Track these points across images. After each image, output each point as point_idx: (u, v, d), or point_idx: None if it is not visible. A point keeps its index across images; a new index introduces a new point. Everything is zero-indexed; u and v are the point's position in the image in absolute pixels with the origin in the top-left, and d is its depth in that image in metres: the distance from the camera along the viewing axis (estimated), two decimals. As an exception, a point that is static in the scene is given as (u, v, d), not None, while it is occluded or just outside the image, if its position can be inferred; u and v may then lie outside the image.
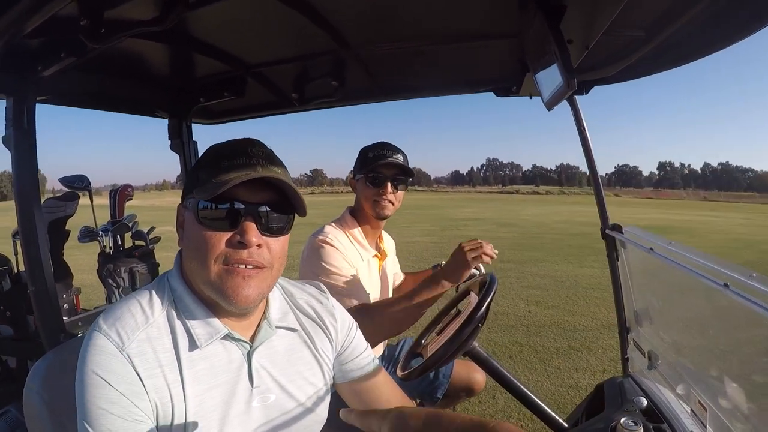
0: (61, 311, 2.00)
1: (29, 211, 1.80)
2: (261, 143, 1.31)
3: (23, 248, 1.83)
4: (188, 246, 1.28)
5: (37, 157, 1.83)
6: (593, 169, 2.55)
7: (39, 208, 1.83)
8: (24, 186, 1.80)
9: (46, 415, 1.30)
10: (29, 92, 1.80)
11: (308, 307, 1.54)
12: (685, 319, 2.06)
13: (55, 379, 1.33)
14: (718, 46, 1.67)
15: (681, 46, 1.86)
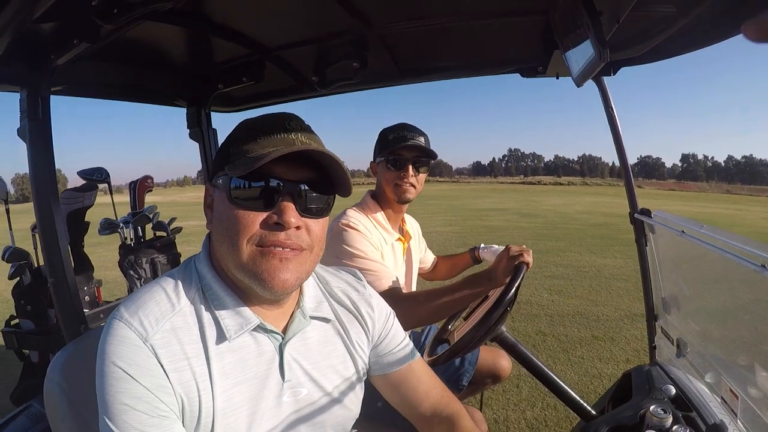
0: (82, 303, 1.99)
1: (46, 202, 1.77)
2: (299, 117, 1.22)
3: (41, 240, 1.80)
4: (218, 228, 1.18)
5: (53, 149, 1.79)
6: (622, 153, 2.48)
7: (56, 200, 1.80)
8: (40, 178, 1.76)
9: (66, 406, 1.27)
10: (43, 82, 1.76)
11: (344, 296, 1.46)
12: (716, 305, 2.02)
13: (76, 371, 1.29)
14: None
15: (710, 25, 1.81)
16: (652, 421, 1.71)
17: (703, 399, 1.88)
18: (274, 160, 1.08)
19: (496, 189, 74.33)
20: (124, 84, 2.51)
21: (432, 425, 1.49)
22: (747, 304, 1.73)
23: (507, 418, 4.08)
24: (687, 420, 1.75)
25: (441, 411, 1.49)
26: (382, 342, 1.50)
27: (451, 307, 2.18)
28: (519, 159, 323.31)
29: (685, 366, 2.14)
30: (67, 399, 1.27)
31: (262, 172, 1.11)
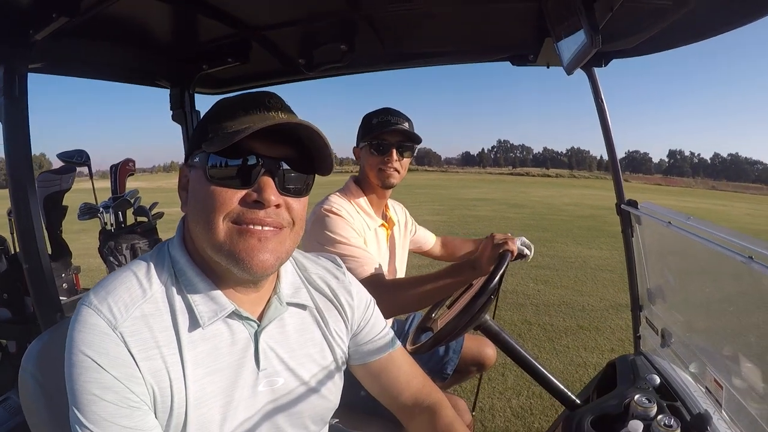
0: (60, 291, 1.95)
1: (21, 185, 1.71)
2: (279, 96, 1.17)
3: (16, 224, 1.74)
4: (194, 208, 1.12)
5: (29, 129, 1.73)
6: (610, 144, 2.47)
7: (32, 183, 1.75)
8: (15, 159, 1.70)
9: (41, 397, 1.22)
10: (20, 58, 1.69)
11: (322, 283, 1.41)
12: (701, 296, 2.02)
13: (51, 360, 1.24)
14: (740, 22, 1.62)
15: (703, 20, 1.80)
16: (636, 411, 1.70)
17: (688, 389, 1.89)
18: (253, 136, 1.04)
19: (484, 179, 74.45)
20: (105, 62, 2.45)
21: (413, 415, 1.46)
22: (731, 296, 1.73)
23: (493, 407, 4.10)
24: (671, 409, 1.75)
25: (422, 401, 1.47)
26: (362, 331, 1.47)
27: (434, 295, 2.16)
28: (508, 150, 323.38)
29: (670, 356, 2.15)
30: (41, 389, 1.23)
31: (240, 148, 1.07)
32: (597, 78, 2.38)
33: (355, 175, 2.58)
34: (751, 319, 1.59)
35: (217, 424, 1.11)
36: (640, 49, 2.19)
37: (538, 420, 3.88)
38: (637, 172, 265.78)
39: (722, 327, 1.83)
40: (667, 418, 1.58)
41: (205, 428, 1.10)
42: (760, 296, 1.48)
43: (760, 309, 1.52)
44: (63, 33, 1.64)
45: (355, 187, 2.50)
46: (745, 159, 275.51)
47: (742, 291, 1.59)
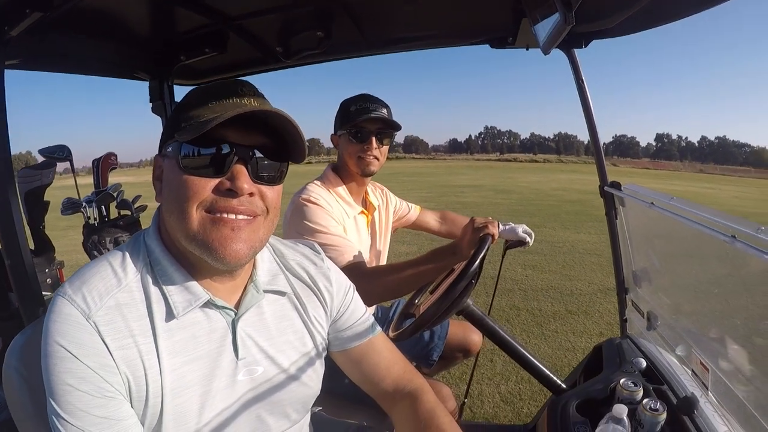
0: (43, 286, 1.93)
1: (1, 180, 1.70)
2: (252, 84, 1.17)
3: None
4: (168, 197, 1.12)
5: (7, 125, 1.71)
6: (592, 125, 2.45)
7: (11, 178, 1.74)
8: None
9: (26, 391, 1.20)
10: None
11: (300, 270, 1.40)
12: (686, 278, 2.01)
13: (34, 355, 1.22)
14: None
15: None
16: (622, 395, 1.70)
17: (674, 372, 1.89)
18: (226, 125, 1.03)
19: (472, 166, 74.49)
20: (82, 56, 2.41)
21: (395, 401, 1.45)
22: (716, 277, 1.72)
23: (481, 393, 4.10)
24: (658, 393, 1.76)
25: (403, 387, 1.46)
26: (342, 317, 1.46)
27: (415, 281, 2.15)
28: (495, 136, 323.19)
29: (656, 339, 2.14)
30: (25, 383, 1.22)
31: (213, 137, 1.06)
32: (578, 59, 2.36)
33: (334, 163, 2.56)
34: (737, 300, 1.58)
35: (194, 413, 1.11)
36: (620, 29, 2.18)
37: (527, 405, 3.89)
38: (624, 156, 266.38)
39: (708, 309, 1.83)
40: (653, 401, 1.58)
41: (183, 418, 1.09)
42: (744, 276, 1.47)
43: (744, 290, 1.51)
44: (38, 28, 1.62)
45: (333, 175, 2.47)
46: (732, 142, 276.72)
47: (726, 272, 1.58)
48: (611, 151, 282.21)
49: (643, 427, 1.55)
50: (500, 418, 3.76)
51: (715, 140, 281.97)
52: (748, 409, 1.42)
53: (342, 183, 2.46)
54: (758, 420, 1.37)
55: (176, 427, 1.08)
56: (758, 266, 1.31)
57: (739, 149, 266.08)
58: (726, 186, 43.66)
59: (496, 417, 3.77)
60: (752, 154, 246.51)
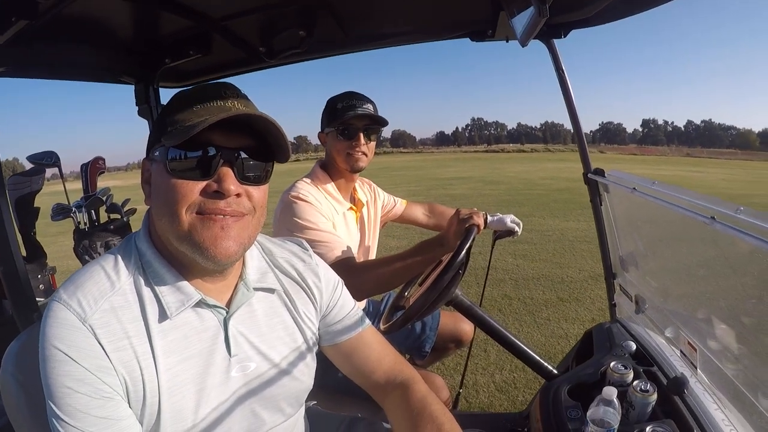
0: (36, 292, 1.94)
1: None
2: (235, 86, 1.19)
3: None
4: (157, 201, 1.14)
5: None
6: (574, 115, 2.46)
7: (1, 185, 1.76)
8: None
9: (22, 396, 1.22)
10: None
11: (289, 267, 1.42)
12: (671, 260, 2.04)
13: (29, 360, 1.23)
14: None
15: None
16: (613, 377, 1.73)
17: (663, 353, 1.91)
18: (211, 128, 1.05)
19: (459, 158, 74.42)
20: (68, 63, 2.40)
21: (386, 392, 1.47)
22: (701, 259, 1.74)
23: (476, 383, 4.13)
24: (648, 374, 1.78)
25: (395, 378, 1.48)
26: (331, 311, 1.48)
27: (404, 274, 2.17)
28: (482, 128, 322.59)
29: (645, 322, 2.17)
30: (22, 389, 1.23)
31: (199, 140, 1.07)
32: (557, 50, 2.37)
33: (322, 160, 2.57)
34: (721, 280, 1.61)
35: (191, 411, 1.13)
36: (599, 18, 2.18)
37: (522, 393, 3.92)
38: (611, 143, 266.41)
39: (694, 290, 1.85)
40: (644, 383, 1.61)
41: (180, 415, 1.11)
42: (726, 257, 1.49)
43: (728, 270, 1.53)
44: (24, 36, 1.61)
45: (321, 172, 2.49)
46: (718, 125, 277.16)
47: (709, 253, 1.61)
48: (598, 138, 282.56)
49: (634, 409, 1.58)
50: (495, 406, 3.79)
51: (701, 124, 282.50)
52: (737, 386, 1.44)
53: (330, 180, 2.47)
54: (747, 396, 1.40)
55: (174, 424, 1.11)
56: (738, 246, 1.34)
57: (725, 132, 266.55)
58: (713, 169, 43.89)
59: (492, 406, 3.80)
60: (738, 137, 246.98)
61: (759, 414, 1.36)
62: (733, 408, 1.49)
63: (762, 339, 1.39)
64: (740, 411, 1.47)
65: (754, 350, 1.42)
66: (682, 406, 1.59)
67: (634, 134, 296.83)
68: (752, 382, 1.39)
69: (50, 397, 0.99)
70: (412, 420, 1.31)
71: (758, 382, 1.36)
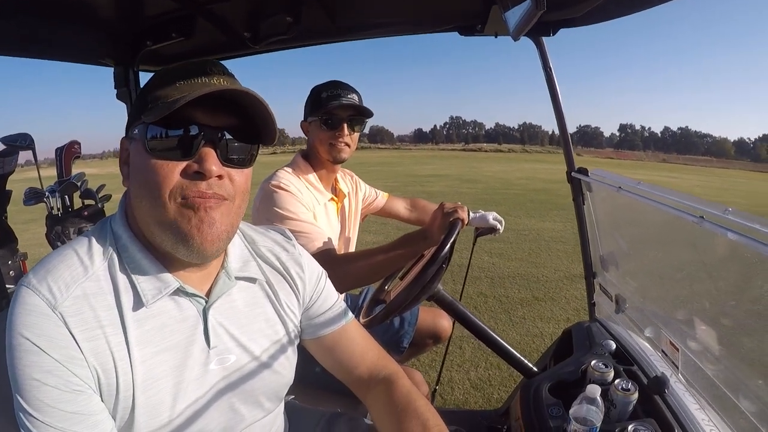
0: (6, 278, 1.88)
1: None
2: (221, 64, 1.12)
3: None
4: (136, 182, 1.07)
5: None
6: (560, 113, 2.45)
7: None
8: None
9: None
10: None
11: (272, 256, 1.37)
12: (653, 261, 2.04)
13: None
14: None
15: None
16: (594, 376, 1.72)
17: (644, 353, 1.92)
18: (194, 105, 1.00)
19: (437, 156, 74.56)
20: (46, 41, 2.33)
21: (369, 387, 1.44)
22: (683, 260, 1.75)
23: (451, 379, 4.12)
24: (628, 373, 1.78)
25: (378, 373, 1.45)
26: (314, 304, 1.44)
27: (386, 267, 2.15)
28: (460, 127, 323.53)
29: (625, 322, 2.17)
30: None
31: (180, 118, 1.02)
32: (546, 47, 2.36)
33: (303, 150, 2.53)
34: (704, 281, 1.61)
35: (167, 405, 1.08)
36: (588, 18, 2.17)
37: (497, 391, 3.92)
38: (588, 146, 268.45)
39: (676, 291, 1.86)
40: (625, 381, 1.61)
41: (155, 410, 1.06)
42: (711, 258, 1.49)
43: (711, 271, 1.54)
44: (2, 12, 1.55)
45: (303, 162, 2.45)
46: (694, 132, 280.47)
47: (693, 254, 1.61)
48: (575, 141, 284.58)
49: (615, 407, 1.57)
50: (471, 404, 3.79)
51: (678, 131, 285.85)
52: (718, 387, 1.45)
53: (312, 170, 2.44)
54: (728, 396, 1.40)
55: (149, 420, 1.05)
56: (725, 246, 1.34)
57: (701, 140, 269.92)
58: (688, 175, 44.55)
59: (467, 403, 3.80)
60: (714, 145, 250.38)
61: (740, 413, 1.36)
62: (715, 408, 1.50)
63: (743, 340, 1.40)
64: (721, 411, 1.47)
65: (736, 351, 1.42)
66: (663, 406, 1.59)
67: (611, 138, 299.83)
68: (733, 382, 1.39)
69: (17, 390, 0.93)
70: (396, 416, 1.28)
71: (739, 383, 1.37)
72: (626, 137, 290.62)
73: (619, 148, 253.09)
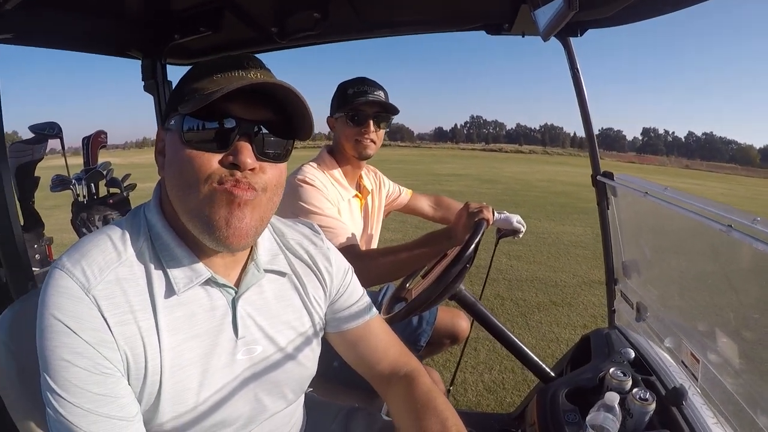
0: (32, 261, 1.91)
1: None
2: (258, 58, 1.13)
3: None
4: (170, 172, 1.09)
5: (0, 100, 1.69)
6: (586, 115, 2.43)
7: (3, 152, 1.73)
8: None
9: (14, 366, 1.18)
10: None
11: (300, 249, 1.38)
12: (677, 269, 2.02)
13: (23, 329, 1.19)
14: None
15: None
16: (611, 384, 1.71)
17: (663, 363, 1.90)
18: (231, 98, 1.00)
19: (457, 155, 74.46)
20: (76, 33, 2.37)
21: (390, 384, 1.44)
22: (709, 269, 1.72)
23: (465, 381, 4.11)
24: (646, 383, 1.77)
25: (399, 369, 1.45)
26: (340, 298, 1.44)
27: (409, 265, 2.16)
28: (481, 126, 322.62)
29: (645, 330, 2.15)
30: (14, 358, 1.19)
31: (216, 111, 1.03)
32: (573, 48, 2.34)
33: (329, 145, 2.54)
34: (729, 292, 1.58)
35: (193, 392, 1.09)
36: (617, 19, 2.15)
37: (510, 394, 3.90)
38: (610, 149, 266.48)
39: (699, 301, 1.83)
40: (643, 391, 1.59)
41: (181, 396, 1.07)
42: (737, 268, 1.47)
43: (737, 281, 1.51)
44: (32, 2, 1.57)
45: (329, 157, 2.46)
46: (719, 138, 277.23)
47: (719, 263, 1.58)
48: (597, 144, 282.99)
49: (632, 417, 1.56)
50: (483, 406, 3.78)
51: (702, 136, 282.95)
52: (737, 401, 1.43)
53: (337, 165, 2.45)
54: (747, 412, 1.38)
55: (174, 405, 1.06)
56: (753, 257, 1.32)
57: (725, 146, 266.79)
58: (712, 183, 44.02)
59: (479, 405, 3.79)
60: (739, 152, 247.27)
61: (758, 430, 1.34)
62: (732, 423, 1.47)
63: (765, 355, 1.38)
64: (739, 427, 1.44)
65: (757, 366, 1.40)
66: (680, 418, 1.58)
67: (634, 142, 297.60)
68: (753, 398, 1.37)
69: (46, 370, 0.94)
70: (416, 413, 1.28)
71: (759, 399, 1.35)
72: (649, 141, 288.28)
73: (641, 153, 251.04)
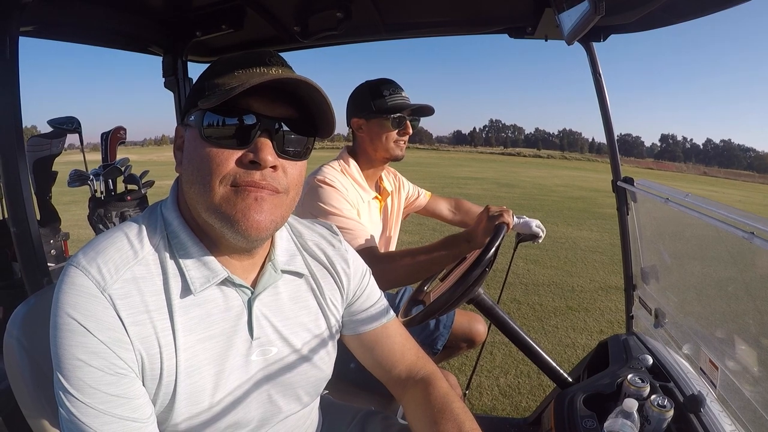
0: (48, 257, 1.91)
1: (10, 147, 1.68)
2: (280, 55, 1.11)
3: (4, 187, 1.72)
4: (189, 168, 1.06)
5: (19, 92, 1.69)
6: (608, 120, 2.42)
7: (21, 146, 1.71)
8: (5, 122, 1.67)
9: (26, 362, 1.18)
10: (11, 20, 1.65)
11: (318, 250, 1.37)
12: (696, 276, 2.00)
13: (37, 325, 1.19)
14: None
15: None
16: (629, 390, 1.70)
17: (681, 370, 1.89)
18: (251, 95, 1.00)
19: (475, 158, 74.31)
20: (97, 27, 2.38)
21: (406, 387, 1.43)
22: (728, 276, 1.71)
23: (480, 385, 4.09)
24: (664, 390, 1.75)
25: (416, 373, 1.44)
26: (357, 300, 1.43)
27: (428, 268, 2.14)
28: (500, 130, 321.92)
29: (663, 337, 2.14)
30: (26, 354, 1.19)
31: (237, 107, 1.01)
32: (596, 53, 2.33)
33: (350, 146, 2.52)
34: (748, 299, 1.57)
35: (208, 393, 1.08)
36: (640, 24, 2.15)
37: (525, 399, 3.88)
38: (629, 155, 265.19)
39: (719, 308, 1.81)
40: (661, 398, 1.58)
41: (196, 397, 1.06)
42: (758, 275, 1.46)
43: (757, 288, 1.50)
44: None
45: (350, 158, 2.44)
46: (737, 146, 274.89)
47: (739, 270, 1.57)
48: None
49: (649, 423, 1.55)
50: (498, 410, 3.76)
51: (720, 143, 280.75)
52: (756, 409, 1.41)
53: (358, 167, 2.44)
54: (766, 420, 1.37)
55: (188, 406, 1.05)
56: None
57: (744, 153, 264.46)
58: (730, 190, 43.56)
59: (495, 409, 3.77)
60: (757, 159, 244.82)
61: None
62: (751, 430, 1.46)
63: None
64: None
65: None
66: (698, 425, 1.56)
67: (652, 148, 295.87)
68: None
69: (59, 369, 0.93)
70: (432, 417, 1.27)
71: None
72: (667, 148, 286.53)
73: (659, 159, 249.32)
